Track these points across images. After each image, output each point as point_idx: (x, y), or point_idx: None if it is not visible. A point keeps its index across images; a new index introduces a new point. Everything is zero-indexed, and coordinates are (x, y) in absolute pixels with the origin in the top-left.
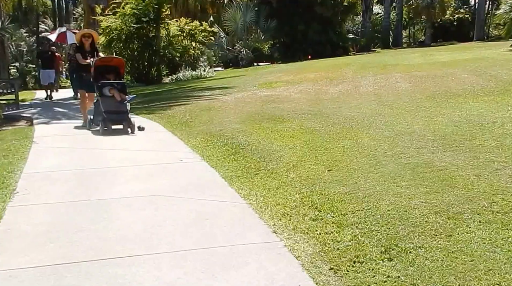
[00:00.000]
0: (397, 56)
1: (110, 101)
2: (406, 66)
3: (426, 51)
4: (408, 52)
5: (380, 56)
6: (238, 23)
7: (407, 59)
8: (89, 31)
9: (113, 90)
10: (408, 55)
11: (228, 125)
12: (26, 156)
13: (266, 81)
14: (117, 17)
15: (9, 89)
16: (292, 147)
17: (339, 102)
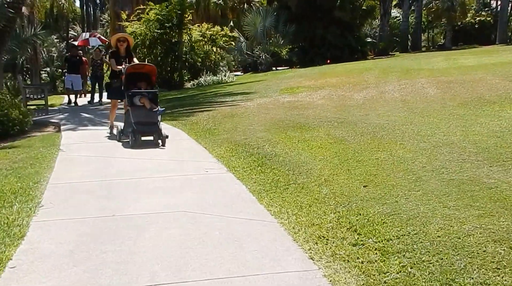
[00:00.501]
0: (419, 60)
1: (140, 112)
2: (431, 71)
3: (449, 55)
4: (429, 56)
5: (401, 60)
6: (257, 28)
7: (430, 63)
8: (124, 35)
9: (144, 99)
10: (431, 59)
11: (253, 133)
12: (52, 164)
13: (288, 87)
14: (142, 23)
15: (39, 95)
16: (321, 159)
17: (365, 109)
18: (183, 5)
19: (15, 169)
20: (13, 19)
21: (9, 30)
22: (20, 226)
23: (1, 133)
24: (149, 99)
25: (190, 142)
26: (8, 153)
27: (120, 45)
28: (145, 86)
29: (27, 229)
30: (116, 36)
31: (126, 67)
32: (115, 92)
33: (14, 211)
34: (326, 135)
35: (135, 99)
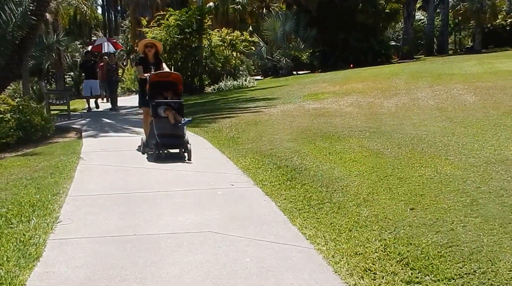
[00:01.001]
0: (449, 64)
1: (165, 123)
2: (465, 76)
3: (481, 59)
4: (459, 59)
5: (429, 64)
6: (277, 32)
7: (462, 67)
8: (151, 41)
9: (169, 111)
10: (462, 63)
11: (279, 143)
12: (72, 174)
13: (311, 92)
14: (162, 28)
15: (62, 100)
16: (358, 174)
17: (398, 118)
18: (203, 10)
19: (35, 179)
20: (36, 27)
21: (33, 37)
22: (37, 245)
23: (24, 139)
24: (174, 110)
25: (214, 151)
26: (29, 160)
27: (148, 51)
28: (172, 96)
29: (43, 249)
30: (143, 41)
31: (150, 75)
32: (147, 100)
33: (31, 227)
34: (359, 147)
35: (160, 109)
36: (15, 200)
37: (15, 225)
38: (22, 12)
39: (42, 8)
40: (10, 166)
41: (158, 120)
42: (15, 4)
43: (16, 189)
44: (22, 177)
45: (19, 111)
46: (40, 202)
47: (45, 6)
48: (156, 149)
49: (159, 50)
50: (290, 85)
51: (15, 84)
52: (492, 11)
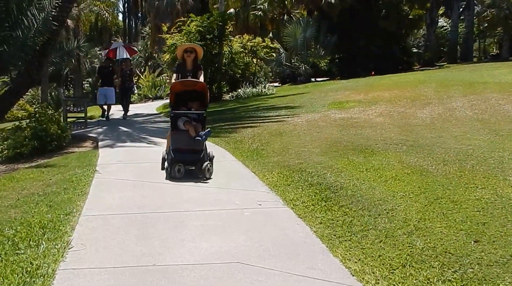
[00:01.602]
0: (478, 72)
1: (182, 137)
2: (500, 84)
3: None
4: (487, 67)
5: (456, 72)
6: (298, 39)
7: (494, 76)
8: (191, 45)
9: (189, 124)
10: (492, 71)
11: (308, 157)
12: (87, 190)
13: (335, 101)
14: (182, 35)
15: (80, 107)
16: (403, 196)
17: (436, 130)
18: (225, 16)
19: (47, 195)
20: (56, 32)
21: (53, 43)
22: (45, 277)
23: (39, 149)
24: (196, 122)
25: (237, 165)
26: (43, 173)
27: (187, 56)
28: (197, 107)
29: (51, 282)
30: (183, 46)
31: (173, 84)
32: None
33: (40, 253)
34: (399, 163)
35: (179, 122)
36: (24, 219)
37: (23, 251)
38: (44, 17)
39: (64, 13)
40: (22, 178)
41: (175, 133)
42: (37, 9)
43: (27, 207)
44: (34, 192)
45: (35, 120)
46: (51, 223)
47: (67, 12)
48: (170, 164)
49: (199, 55)
50: (311, 92)
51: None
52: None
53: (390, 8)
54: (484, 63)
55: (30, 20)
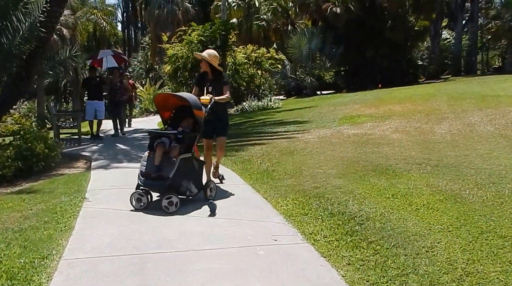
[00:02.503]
0: (487, 85)
1: (150, 160)
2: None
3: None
4: (495, 80)
5: (464, 85)
6: (302, 50)
7: (505, 89)
8: (197, 54)
9: (160, 146)
10: (501, 84)
11: (325, 180)
12: (72, 223)
13: (346, 115)
14: (183, 45)
15: (72, 124)
16: (441, 229)
17: (459, 148)
18: (227, 25)
19: (24, 231)
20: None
21: (42, 52)
22: None
23: (23, 170)
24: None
25: (246, 189)
26: (24, 201)
27: (202, 64)
28: (187, 126)
29: None
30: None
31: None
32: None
33: None
34: (427, 187)
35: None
36: None
37: None
38: (31, 23)
39: (53, 19)
40: None
41: (149, 154)
42: (23, 14)
43: None
44: (8, 227)
45: (20, 137)
46: (22, 272)
47: (56, 17)
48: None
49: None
50: (318, 106)
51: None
52: None
53: (397, 19)
54: (489, 76)
55: (15, 25)
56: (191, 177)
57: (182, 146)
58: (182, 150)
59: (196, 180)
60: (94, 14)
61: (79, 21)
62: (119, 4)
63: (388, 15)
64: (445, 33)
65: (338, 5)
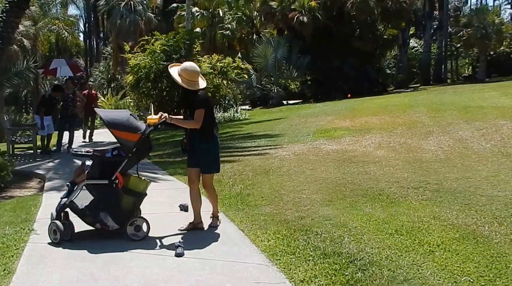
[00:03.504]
0: (464, 94)
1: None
2: (499, 109)
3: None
4: (469, 89)
5: (440, 95)
6: (268, 59)
7: (485, 99)
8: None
9: (77, 170)
10: (479, 93)
11: (310, 207)
12: (13, 266)
13: (320, 128)
14: (146, 54)
15: (27, 139)
16: (470, 283)
17: (457, 168)
18: (192, 34)
19: None
20: (1, 51)
21: None
22: None
23: None
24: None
25: None
26: None
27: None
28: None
29: None
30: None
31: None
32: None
33: None
34: (435, 220)
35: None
36: None
37: None
38: None
39: (9, 29)
40: None
41: None
42: None
43: None
44: None
45: None
46: None
47: (13, 28)
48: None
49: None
50: (288, 118)
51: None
52: (497, 37)
53: (365, 28)
54: (462, 85)
55: None
56: (107, 208)
57: (96, 171)
58: (95, 175)
59: (116, 212)
60: (56, 24)
61: (40, 32)
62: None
63: (356, 24)
64: (413, 42)
65: (305, 13)
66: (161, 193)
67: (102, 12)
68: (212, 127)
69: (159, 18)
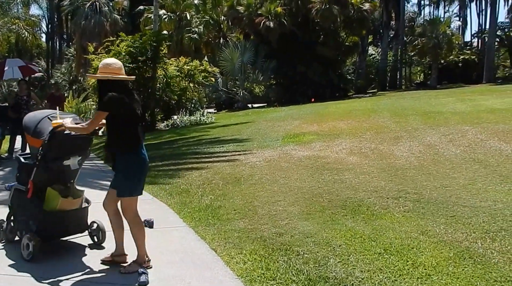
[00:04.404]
0: (422, 100)
1: None
2: (459, 114)
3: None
4: (425, 95)
5: (400, 100)
6: (235, 63)
7: (443, 104)
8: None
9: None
10: (436, 99)
11: (287, 222)
12: None
13: (289, 133)
14: (111, 55)
15: None
16: None
17: (432, 176)
18: (160, 36)
19: None
20: None
21: None
22: None
23: None
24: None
25: (187, 235)
26: None
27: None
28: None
29: None
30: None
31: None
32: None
33: None
34: (423, 235)
35: None
36: None
37: None
38: None
39: None
40: None
41: None
42: None
43: None
44: None
45: None
46: None
47: None
48: None
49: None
50: (255, 122)
51: None
52: (448, 46)
53: (328, 34)
54: (418, 91)
55: None
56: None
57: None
58: (20, 179)
59: (30, 225)
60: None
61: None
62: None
63: (320, 31)
64: (370, 49)
65: (271, 19)
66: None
67: (66, 12)
68: (131, 140)
69: (125, 20)
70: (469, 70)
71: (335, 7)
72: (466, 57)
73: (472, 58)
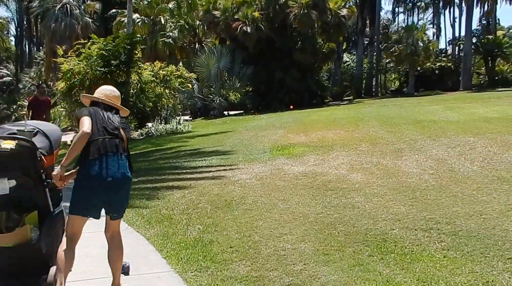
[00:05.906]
0: (407, 108)
1: None
2: (454, 123)
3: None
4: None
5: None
6: (211, 69)
7: (432, 112)
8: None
9: None
10: (422, 107)
11: (302, 266)
12: None
13: (276, 144)
14: (81, 59)
15: None
16: None
17: (459, 198)
18: (134, 39)
19: None
20: None
21: None
22: None
23: None
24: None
25: (173, 282)
26: None
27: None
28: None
29: None
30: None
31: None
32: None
33: None
34: None
35: None
36: None
37: None
38: None
39: None
40: None
41: None
42: None
43: None
44: None
45: None
46: None
47: None
48: None
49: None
50: (235, 131)
51: None
52: (425, 53)
53: (306, 40)
54: (396, 98)
55: None
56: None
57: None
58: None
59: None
60: None
61: None
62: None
63: (297, 36)
64: (345, 56)
65: (248, 24)
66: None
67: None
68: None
69: (97, 24)
70: (446, 78)
71: (314, 12)
72: (443, 64)
73: (449, 65)
